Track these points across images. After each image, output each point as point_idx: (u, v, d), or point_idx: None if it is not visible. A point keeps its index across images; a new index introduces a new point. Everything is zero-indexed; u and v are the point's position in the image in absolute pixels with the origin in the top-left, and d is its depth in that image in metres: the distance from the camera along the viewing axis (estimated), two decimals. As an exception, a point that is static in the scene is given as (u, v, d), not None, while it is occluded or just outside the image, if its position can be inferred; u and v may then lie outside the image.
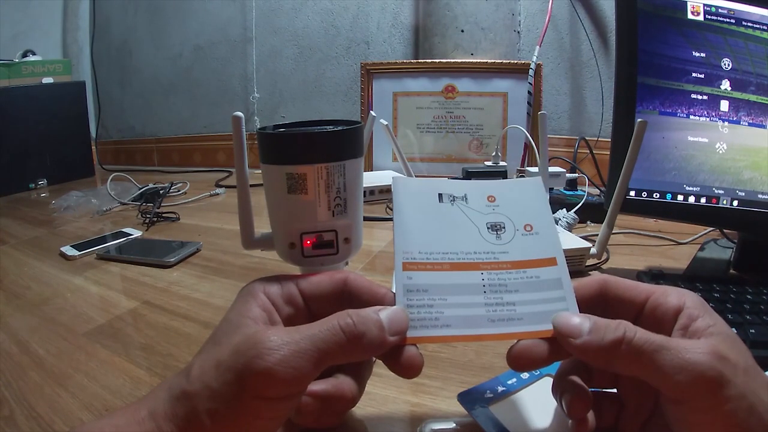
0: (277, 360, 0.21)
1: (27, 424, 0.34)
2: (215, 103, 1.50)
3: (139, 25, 1.60)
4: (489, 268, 0.27)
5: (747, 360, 0.22)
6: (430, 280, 0.27)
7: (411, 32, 1.24)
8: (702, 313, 0.23)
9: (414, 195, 0.30)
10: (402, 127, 1.12)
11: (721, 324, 0.23)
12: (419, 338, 0.25)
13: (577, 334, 0.23)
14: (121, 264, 0.66)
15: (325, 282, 0.28)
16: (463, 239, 0.28)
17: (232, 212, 0.93)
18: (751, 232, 0.53)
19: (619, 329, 0.22)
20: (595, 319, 0.23)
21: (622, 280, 0.27)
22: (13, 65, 1.30)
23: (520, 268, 0.27)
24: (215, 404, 0.22)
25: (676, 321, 0.24)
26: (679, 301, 0.24)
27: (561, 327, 0.24)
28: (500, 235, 0.28)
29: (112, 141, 1.72)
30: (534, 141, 0.94)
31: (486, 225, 0.29)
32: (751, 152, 0.50)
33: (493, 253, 0.28)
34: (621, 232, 0.71)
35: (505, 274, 0.27)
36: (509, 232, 0.29)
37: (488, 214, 0.29)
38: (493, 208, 0.29)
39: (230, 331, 0.24)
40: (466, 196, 0.30)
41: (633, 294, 0.26)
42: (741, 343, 0.23)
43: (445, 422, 0.30)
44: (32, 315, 0.52)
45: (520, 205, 0.30)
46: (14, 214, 1.01)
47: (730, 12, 0.49)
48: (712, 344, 0.21)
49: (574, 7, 1.08)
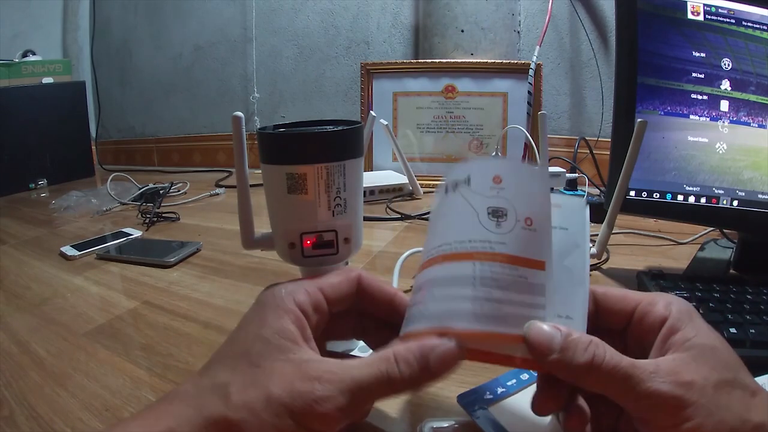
0: (331, 408, 0.22)
1: (27, 424, 0.34)
2: (215, 103, 1.50)
3: (139, 25, 1.60)
4: (483, 258, 0.25)
5: (723, 374, 0.22)
6: (426, 277, 0.26)
7: (411, 32, 1.24)
8: (684, 324, 0.24)
9: (436, 194, 0.29)
10: (402, 127, 1.12)
11: (703, 334, 0.23)
12: (408, 335, 0.25)
13: (548, 351, 0.23)
14: (121, 264, 0.66)
15: (344, 284, 0.29)
16: (459, 226, 0.27)
17: (232, 212, 0.93)
18: (751, 232, 0.53)
19: (588, 352, 0.22)
20: (566, 335, 0.23)
21: (612, 289, 0.27)
22: (13, 65, 1.30)
23: (514, 264, 0.25)
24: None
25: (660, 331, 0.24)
26: (666, 311, 0.25)
27: (533, 341, 0.23)
28: (500, 223, 0.26)
29: (112, 141, 1.72)
30: (534, 141, 0.94)
31: (487, 210, 0.26)
32: (751, 152, 0.50)
33: (489, 243, 0.26)
34: (621, 232, 0.71)
35: (498, 267, 0.25)
36: (510, 221, 0.26)
37: (491, 197, 0.27)
38: (497, 191, 0.27)
39: (270, 355, 0.23)
40: (470, 178, 0.28)
41: (622, 304, 0.26)
42: (722, 354, 0.23)
43: (445, 422, 0.30)
44: (32, 315, 0.52)
45: (525, 193, 0.27)
46: (14, 214, 1.01)
47: (730, 12, 0.49)
48: (676, 369, 0.22)
49: (574, 7, 1.08)
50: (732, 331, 0.37)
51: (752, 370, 0.24)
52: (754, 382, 0.22)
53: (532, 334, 0.23)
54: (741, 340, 0.36)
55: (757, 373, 0.31)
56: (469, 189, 0.27)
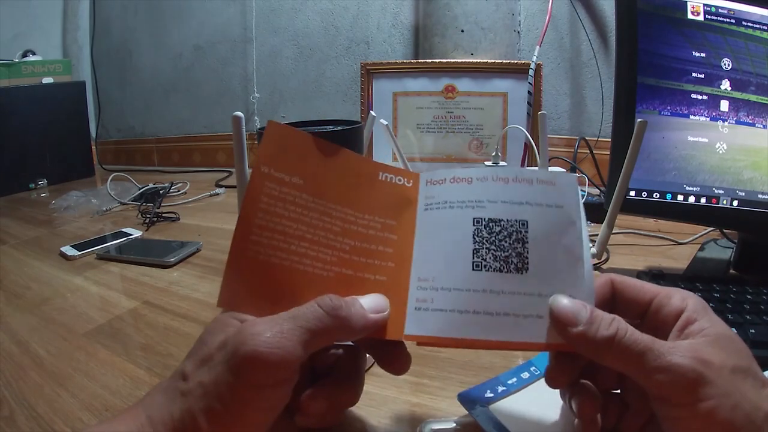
0: (261, 342, 0.22)
1: (27, 424, 0.34)
2: (215, 103, 1.50)
3: (139, 25, 1.60)
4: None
5: (738, 361, 0.22)
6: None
7: (411, 32, 1.24)
8: (700, 317, 0.24)
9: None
10: (402, 127, 1.12)
11: (718, 326, 0.24)
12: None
13: (574, 323, 0.23)
14: (121, 264, 0.66)
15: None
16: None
17: (232, 212, 0.93)
18: (751, 232, 0.53)
19: (612, 327, 0.23)
20: (591, 310, 0.24)
21: (630, 279, 0.27)
22: (13, 65, 1.30)
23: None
24: (209, 401, 0.22)
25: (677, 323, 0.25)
26: (682, 304, 0.25)
27: (559, 314, 0.24)
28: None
29: (112, 141, 1.72)
30: (534, 141, 0.94)
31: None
32: (751, 152, 0.50)
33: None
34: (621, 232, 0.71)
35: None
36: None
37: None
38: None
39: (216, 330, 0.24)
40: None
41: (639, 294, 0.27)
42: (737, 344, 0.23)
43: (445, 422, 0.30)
44: (32, 315, 0.52)
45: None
46: (14, 214, 1.01)
47: (730, 12, 0.49)
48: (696, 347, 0.22)
49: (574, 7, 1.08)
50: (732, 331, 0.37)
51: (752, 370, 0.24)
52: (764, 375, 0.23)
53: (559, 308, 0.24)
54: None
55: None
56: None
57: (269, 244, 0.26)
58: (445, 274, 0.27)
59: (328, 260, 0.27)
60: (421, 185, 0.30)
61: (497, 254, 0.26)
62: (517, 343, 0.25)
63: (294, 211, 0.27)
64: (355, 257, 0.28)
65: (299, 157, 0.28)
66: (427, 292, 0.26)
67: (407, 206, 0.29)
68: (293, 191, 0.27)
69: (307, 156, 0.28)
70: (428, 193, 0.29)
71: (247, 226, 0.26)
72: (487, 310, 0.25)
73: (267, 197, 0.27)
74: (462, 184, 0.29)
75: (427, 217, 0.29)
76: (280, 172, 0.27)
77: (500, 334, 0.25)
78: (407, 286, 0.27)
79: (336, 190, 0.28)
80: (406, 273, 0.27)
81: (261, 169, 0.27)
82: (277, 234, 0.26)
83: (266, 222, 0.26)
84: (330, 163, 0.29)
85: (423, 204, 0.29)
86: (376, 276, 0.27)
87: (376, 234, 0.28)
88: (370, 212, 0.29)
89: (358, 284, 0.27)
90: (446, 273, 0.27)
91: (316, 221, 0.27)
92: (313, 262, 0.27)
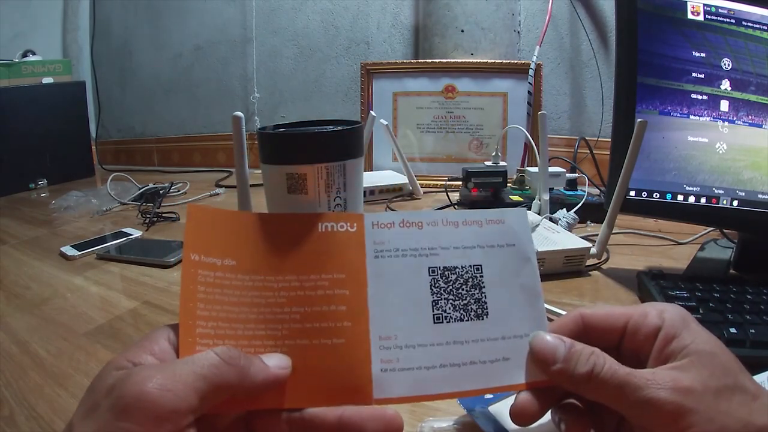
0: (152, 383, 0.19)
1: (27, 424, 0.34)
2: (215, 103, 1.50)
3: (139, 25, 1.60)
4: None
5: (723, 379, 0.22)
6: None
7: (411, 32, 1.24)
8: (680, 331, 0.23)
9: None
10: (402, 127, 1.12)
11: (699, 340, 0.23)
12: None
13: (552, 361, 0.24)
14: (121, 264, 0.66)
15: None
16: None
17: (232, 212, 0.93)
18: (751, 232, 0.53)
19: (590, 362, 0.23)
20: (569, 346, 0.24)
21: (599, 309, 0.26)
22: (13, 65, 1.30)
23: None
24: None
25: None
26: (659, 320, 0.24)
27: (538, 351, 0.24)
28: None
29: (112, 141, 1.72)
30: (534, 141, 0.94)
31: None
32: (751, 152, 0.50)
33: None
34: (621, 232, 0.71)
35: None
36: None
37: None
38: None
39: (105, 375, 0.22)
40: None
41: (611, 322, 0.26)
42: (720, 358, 0.23)
43: (445, 422, 0.30)
44: (32, 315, 0.52)
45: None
46: (14, 214, 1.01)
47: (730, 12, 0.49)
48: (675, 377, 0.22)
49: (574, 7, 1.08)
50: (732, 331, 0.37)
51: (752, 370, 0.24)
52: (755, 385, 0.22)
53: (538, 345, 0.24)
54: (741, 340, 0.36)
55: (756, 372, 0.31)
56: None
57: (216, 334, 0.24)
58: (407, 331, 0.26)
59: (280, 335, 0.25)
60: (366, 228, 0.28)
61: (456, 303, 0.26)
62: (494, 388, 0.25)
63: (233, 295, 0.26)
64: (308, 324, 0.26)
65: (227, 237, 0.27)
66: (391, 351, 0.26)
67: (355, 254, 0.28)
68: (228, 274, 0.26)
69: (237, 233, 0.27)
70: (377, 238, 0.28)
71: (191, 319, 0.24)
72: (453, 362, 0.25)
73: (203, 286, 0.25)
74: (412, 229, 0.28)
75: (378, 265, 0.27)
76: (210, 256, 0.26)
77: (471, 384, 0.25)
78: (368, 346, 0.26)
79: (273, 260, 0.27)
80: (364, 330, 0.26)
81: (191, 258, 0.26)
82: (221, 322, 0.25)
83: (208, 312, 0.25)
84: (262, 234, 0.27)
85: (372, 250, 0.28)
86: (333, 339, 0.26)
87: (325, 293, 0.26)
88: (316, 271, 0.27)
89: (315, 352, 0.25)
90: (408, 329, 0.26)
91: (257, 299, 0.26)
92: (264, 341, 0.25)
